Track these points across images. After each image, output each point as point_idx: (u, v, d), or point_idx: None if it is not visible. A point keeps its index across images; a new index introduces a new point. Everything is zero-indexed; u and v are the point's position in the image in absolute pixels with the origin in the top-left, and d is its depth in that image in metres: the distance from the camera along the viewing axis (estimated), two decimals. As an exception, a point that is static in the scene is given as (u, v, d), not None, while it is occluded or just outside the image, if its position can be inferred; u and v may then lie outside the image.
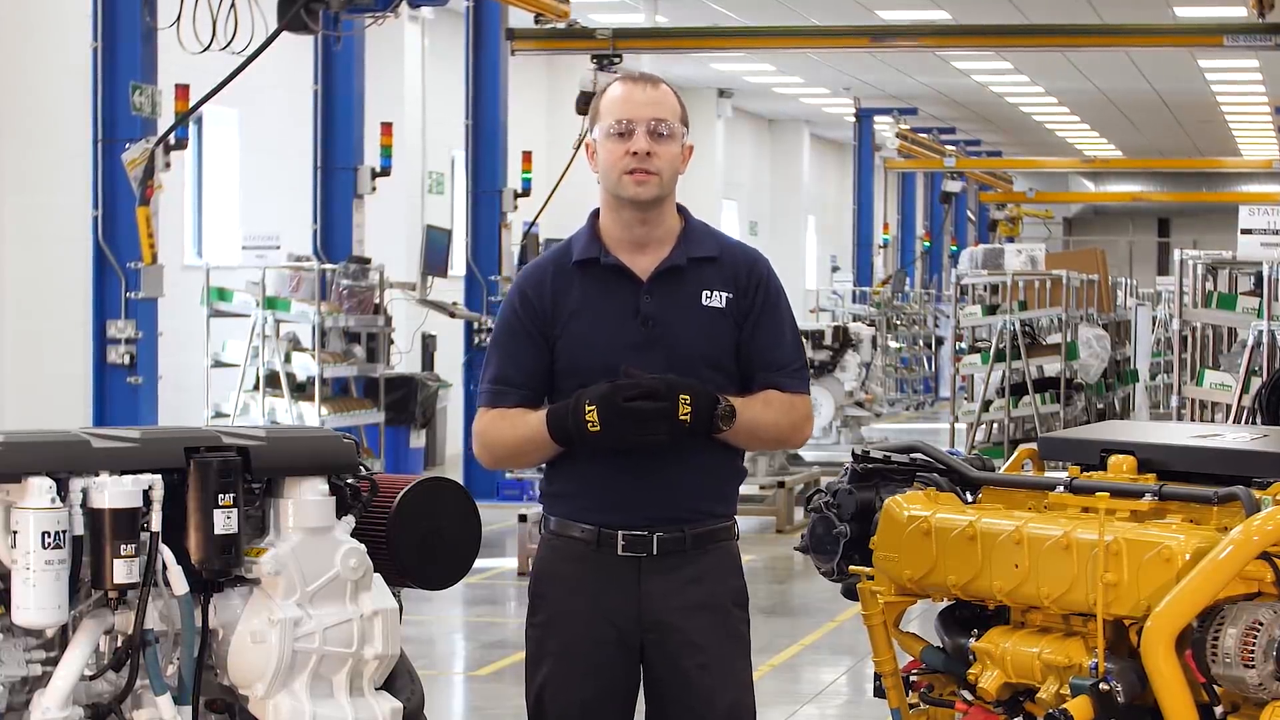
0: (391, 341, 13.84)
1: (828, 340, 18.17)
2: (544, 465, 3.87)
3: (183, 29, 10.58)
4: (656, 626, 3.74)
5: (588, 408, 3.63)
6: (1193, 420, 10.22)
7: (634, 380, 3.64)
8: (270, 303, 12.79)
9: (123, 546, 3.20)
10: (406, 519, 3.61)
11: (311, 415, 12.62)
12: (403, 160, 15.97)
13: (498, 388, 3.80)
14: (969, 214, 36.07)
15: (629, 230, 3.77)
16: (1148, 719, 3.31)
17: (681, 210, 3.85)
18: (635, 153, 3.70)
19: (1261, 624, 3.19)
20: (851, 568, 3.85)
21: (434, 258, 14.46)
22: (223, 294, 13.06)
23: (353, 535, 3.51)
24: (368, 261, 13.48)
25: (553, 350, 3.78)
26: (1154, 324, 20.10)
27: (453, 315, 14.85)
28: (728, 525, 3.85)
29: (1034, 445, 4.07)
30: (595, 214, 3.86)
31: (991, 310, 15.24)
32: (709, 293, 3.76)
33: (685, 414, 3.62)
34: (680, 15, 19.74)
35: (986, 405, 15.02)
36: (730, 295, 3.77)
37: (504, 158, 15.38)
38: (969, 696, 3.62)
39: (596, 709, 3.78)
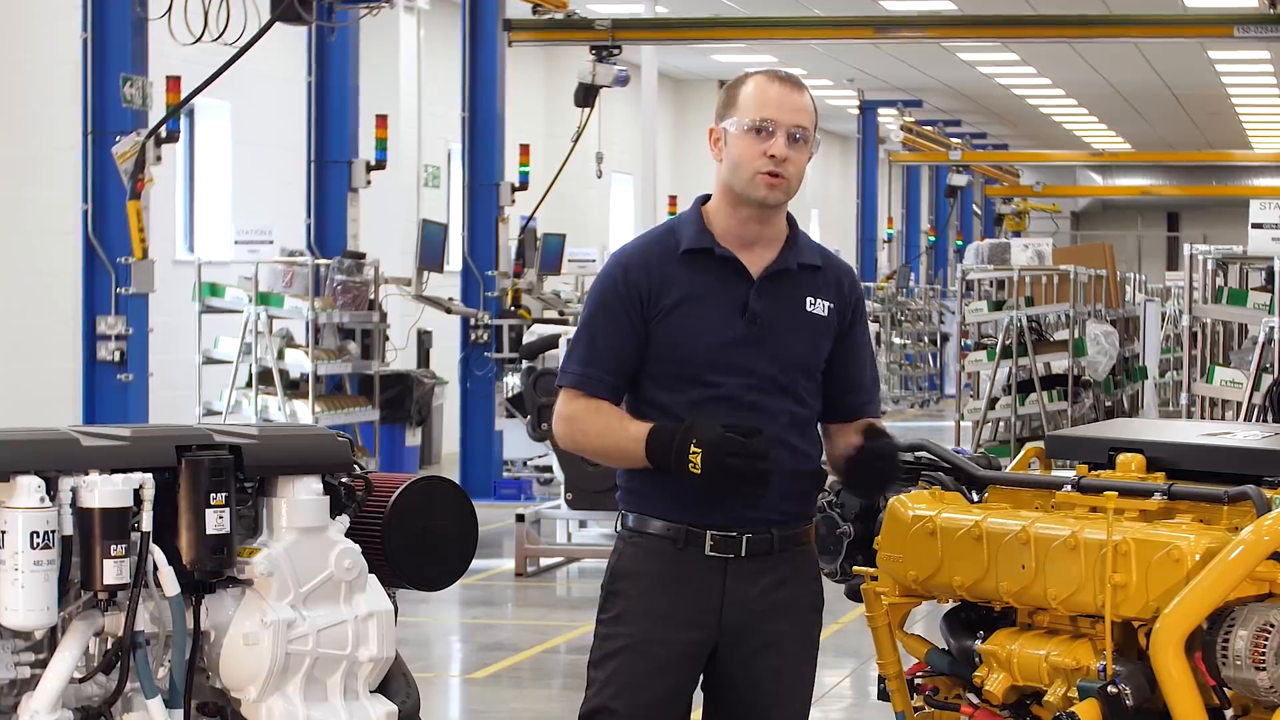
0: (386, 338, 13.80)
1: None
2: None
3: (174, 20, 10.54)
4: (735, 628, 3.69)
5: (694, 449, 3.56)
6: (1202, 418, 10.18)
7: (743, 439, 3.55)
8: (263, 298, 12.76)
9: (113, 547, 3.17)
10: (402, 519, 3.58)
11: (305, 413, 12.59)
12: (398, 153, 15.95)
13: (589, 372, 3.71)
14: (975, 208, 36.07)
15: (743, 227, 3.74)
16: (1157, 722, 3.29)
17: (788, 216, 3.85)
18: (774, 155, 3.66)
19: (1273, 626, 3.18)
20: (855, 568, 3.84)
21: (430, 252, 14.41)
22: (215, 289, 13.03)
23: (347, 535, 3.48)
24: (362, 256, 13.45)
25: (649, 333, 3.71)
26: (1163, 320, 20.05)
27: (449, 311, 14.82)
28: (809, 527, 3.81)
29: (1041, 443, 4.06)
30: (700, 202, 3.81)
31: (998, 306, 15.20)
32: (813, 300, 3.76)
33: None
34: (681, 5, 19.72)
35: (992, 403, 14.98)
36: (833, 305, 3.78)
37: (501, 151, 15.36)
38: (975, 699, 3.61)
39: (663, 709, 3.72)
